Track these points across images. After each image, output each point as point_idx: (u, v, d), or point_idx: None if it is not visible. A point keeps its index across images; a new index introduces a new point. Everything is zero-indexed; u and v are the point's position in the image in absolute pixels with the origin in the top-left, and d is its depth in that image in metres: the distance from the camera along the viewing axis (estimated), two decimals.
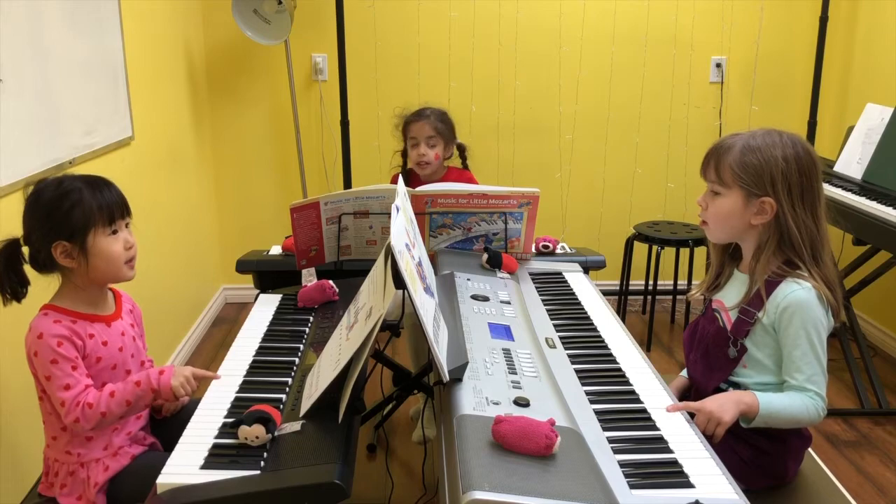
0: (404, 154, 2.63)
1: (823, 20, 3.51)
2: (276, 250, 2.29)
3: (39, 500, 1.58)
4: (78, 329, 1.52)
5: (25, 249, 1.53)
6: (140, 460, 1.59)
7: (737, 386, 1.56)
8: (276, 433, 1.31)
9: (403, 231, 1.44)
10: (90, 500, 1.53)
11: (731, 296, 1.61)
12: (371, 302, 1.43)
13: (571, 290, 1.99)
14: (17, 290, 1.52)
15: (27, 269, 1.55)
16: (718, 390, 1.57)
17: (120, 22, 2.54)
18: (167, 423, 1.71)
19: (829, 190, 2.82)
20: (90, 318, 1.55)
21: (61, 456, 1.55)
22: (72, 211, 1.49)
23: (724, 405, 1.43)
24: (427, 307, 1.39)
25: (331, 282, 1.95)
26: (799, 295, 1.47)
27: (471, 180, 2.60)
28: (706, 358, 1.61)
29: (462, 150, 2.64)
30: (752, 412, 1.45)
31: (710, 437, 1.40)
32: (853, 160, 2.98)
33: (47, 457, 1.59)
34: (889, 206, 2.55)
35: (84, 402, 1.47)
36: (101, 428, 1.52)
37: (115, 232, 1.54)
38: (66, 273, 1.55)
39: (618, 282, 3.64)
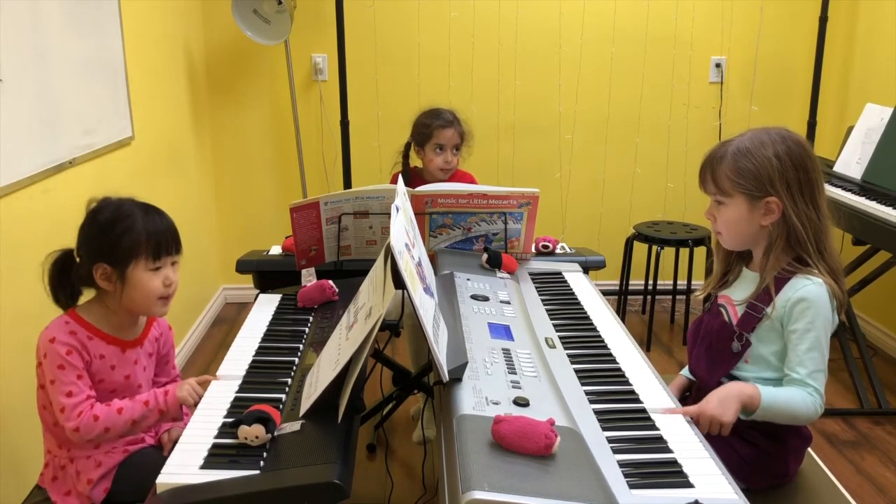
0: (406, 150, 2.62)
1: (823, 20, 3.51)
2: (276, 250, 2.29)
3: (40, 496, 1.58)
4: (89, 346, 1.54)
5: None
6: (137, 456, 1.59)
7: (738, 381, 1.56)
8: (275, 433, 1.31)
9: (403, 231, 1.44)
10: (83, 496, 1.53)
11: (739, 293, 1.61)
12: (371, 302, 1.43)
13: (571, 290, 1.99)
14: (74, 296, 1.57)
15: None
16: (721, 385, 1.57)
17: (120, 22, 2.54)
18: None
19: (829, 190, 2.82)
20: (107, 339, 1.57)
21: (53, 448, 1.57)
22: (121, 237, 1.52)
23: (724, 403, 1.42)
24: (427, 307, 1.39)
25: (330, 282, 1.95)
26: (811, 290, 1.48)
27: (472, 180, 2.60)
28: (709, 352, 1.61)
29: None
30: (753, 404, 1.44)
31: (716, 436, 1.40)
32: (853, 160, 2.98)
33: (45, 446, 1.60)
34: (889, 206, 2.55)
35: (89, 413, 1.48)
36: (99, 441, 1.53)
37: (158, 268, 1.56)
38: (101, 293, 1.58)
39: (618, 282, 3.64)
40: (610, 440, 1.28)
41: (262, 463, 1.24)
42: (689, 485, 1.18)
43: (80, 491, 1.53)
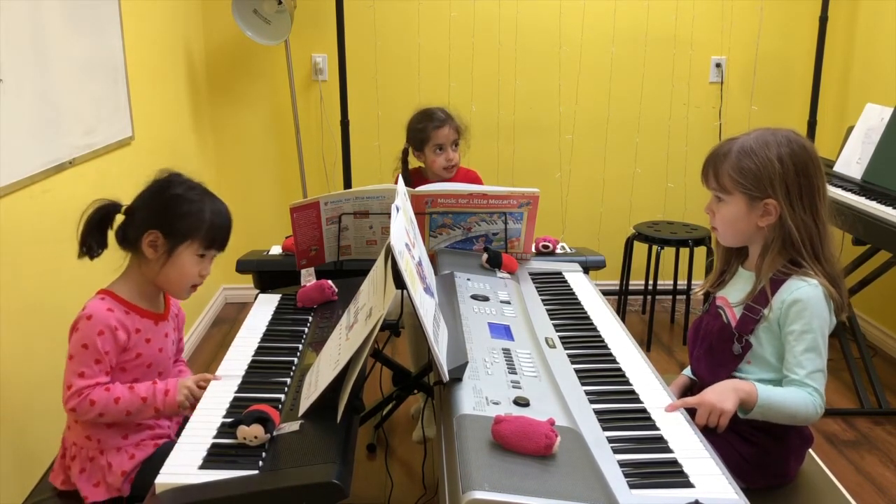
0: (405, 155, 2.62)
1: (823, 20, 3.51)
2: (276, 250, 2.29)
3: (48, 493, 1.57)
4: (127, 321, 1.55)
5: (119, 218, 1.59)
6: (162, 450, 1.59)
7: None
8: (274, 433, 1.31)
9: (403, 231, 1.44)
10: (113, 487, 1.54)
11: (735, 292, 1.61)
12: (371, 302, 1.43)
13: (571, 290, 1.99)
14: (93, 249, 1.57)
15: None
16: None
17: (120, 22, 2.54)
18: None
19: (829, 190, 2.82)
20: (141, 313, 1.59)
21: (80, 440, 1.56)
22: (186, 215, 1.55)
23: (723, 394, 1.42)
24: (427, 307, 1.39)
25: (330, 282, 1.95)
26: (807, 291, 1.48)
27: (475, 180, 2.60)
28: (710, 354, 1.61)
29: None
30: (750, 400, 1.44)
31: (714, 429, 1.39)
32: (853, 160, 2.98)
33: (66, 439, 1.60)
34: (889, 206, 2.54)
35: (88, 397, 1.49)
36: (94, 423, 1.54)
37: (203, 256, 1.59)
38: (139, 260, 1.59)
39: (618, 282, 3.64)
40: (610, 440, 1.28)
41: (260, 463, 1.24)
42: (689, 485, 1.17)
43: (110, 483, 1.54)
